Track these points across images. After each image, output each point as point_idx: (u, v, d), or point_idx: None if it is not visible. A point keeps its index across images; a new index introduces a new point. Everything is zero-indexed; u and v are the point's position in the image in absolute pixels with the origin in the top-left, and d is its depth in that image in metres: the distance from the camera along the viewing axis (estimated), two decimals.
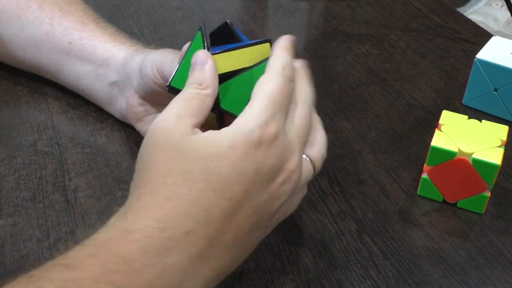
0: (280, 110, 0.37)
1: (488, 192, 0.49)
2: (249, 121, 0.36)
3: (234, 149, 0.35)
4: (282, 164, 0.37)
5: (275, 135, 0.36)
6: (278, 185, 0.37)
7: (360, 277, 0.45)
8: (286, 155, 0.37)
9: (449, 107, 0.63)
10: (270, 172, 0.36)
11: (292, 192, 0.38)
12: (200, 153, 0.35)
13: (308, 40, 0.75)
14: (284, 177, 0.37)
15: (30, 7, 0.58)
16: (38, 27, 0.58)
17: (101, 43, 0.56)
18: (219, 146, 0.35)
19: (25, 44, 0.59)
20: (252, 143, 0.35)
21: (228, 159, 0.35)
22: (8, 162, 0.53)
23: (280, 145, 0.36)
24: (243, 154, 0.35)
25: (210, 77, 0.38)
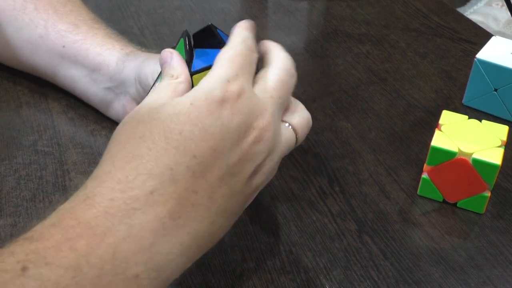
0: (242, 71, 0.37)
1: (488, 192, 0.49)
2: (210, 81, 0.36)
3: (195, 106, 0.34)
4: (251, 122, 0.35)
5: (239, 92, 0.35)
6: (250, 144, 0.35)
7: (360, 277, 0.45)
8: (255, 112, 0.36)
9: (449, 107, 0.63)
10: (238, 130, 0.35)
11: (268, 153, 0.36)
12: (160, 115, 0.34)
13: (308, 40, 0.75)
14: (254, 135, 0.35)
15: (26, 9, 0.58)
16: (33, 30, 0.57)
17: (92, 47, 0.55)
18: (180, 105, 0.34)
19: (22, 46, 0.59)
20: (214, 99, 0.34)
21: (189, 116, 0.34)
22: (8, 162, 0.53)
23: (246, 102, 0.35)
24: (205, 111, 0.34)
25: (178, 67, 0.38)
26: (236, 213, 0.37)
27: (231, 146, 0.34)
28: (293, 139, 0.40)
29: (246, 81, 0.37)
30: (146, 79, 0.49)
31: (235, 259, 0.46)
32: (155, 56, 0.52)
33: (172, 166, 0.32)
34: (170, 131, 0.33)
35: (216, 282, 0.44)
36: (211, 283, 0.44)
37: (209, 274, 0.44)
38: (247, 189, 0.36)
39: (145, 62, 0.51)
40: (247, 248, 0.47)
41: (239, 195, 0.36)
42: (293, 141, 0.40)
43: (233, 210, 0.36)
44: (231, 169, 0.35)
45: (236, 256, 0.46)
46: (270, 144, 0.36)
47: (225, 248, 0.46)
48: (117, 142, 0.34)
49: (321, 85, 0.66)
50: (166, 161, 0.32)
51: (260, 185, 0.38)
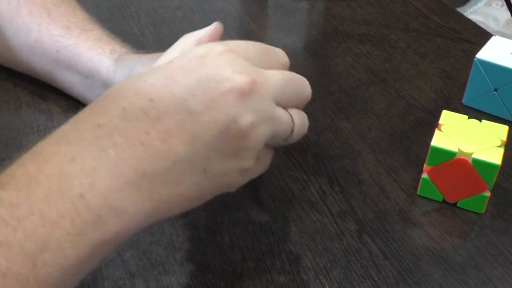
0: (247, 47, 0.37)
1: (488, 192, 0.49)
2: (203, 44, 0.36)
3: (173, 62, 0.35)
4: (229, 74, 0.35)
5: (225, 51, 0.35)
6: (221, 93, 0.34)
7: (360, 277, 0.45)
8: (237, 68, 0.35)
9: (449, 107, 0.63)
10: (207, 78, 0.34)
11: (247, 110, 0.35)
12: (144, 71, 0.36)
13: (308, 40, 0.75)
14: (230, 85, 0.34)
15: (20, 12, 0.57)
16: (28, 34, 0.57)
17: (84, 51, 0.55)
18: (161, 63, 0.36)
19: (19, 49, 0.58)
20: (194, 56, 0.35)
21: (162, 69, 0.35)
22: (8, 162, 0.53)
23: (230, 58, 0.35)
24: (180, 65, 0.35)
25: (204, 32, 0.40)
26: (207, 171, 0.35)
27: (195, 92, 0.34)
28: (289, 123, 0.39)
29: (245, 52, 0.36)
30: None
31: (235, 259, 0.46)
32: (144, 58, 0.51)
33: (125, 105, 0.33)
34: (139, 80, 0.35)
35: (216, 282, 0.44)
36: (211, 283, 0.44)
37: (209, 274, 0.44)
38: (224, 146, 0.35)
39: (134, 68, 0.50)
40: (247, 248, 0.47)
41: (208, 149, 0.34)
42: (289, 125, 0.39)
43: (200, 164, 0.35)
44: (194, 116, 0.34)
45: (236, 256, 0.46)
46: (251, 101, 0.35)
47: (225, 248, 0.46)
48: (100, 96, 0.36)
49: (321, 85, 0.66)
50: (121, 102, 0.34)
51: (245, 152, 0.36)
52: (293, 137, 0.40)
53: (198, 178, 0.35)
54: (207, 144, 0.34)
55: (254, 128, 0.36)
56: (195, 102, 0.34)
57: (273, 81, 0.37)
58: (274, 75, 0.38)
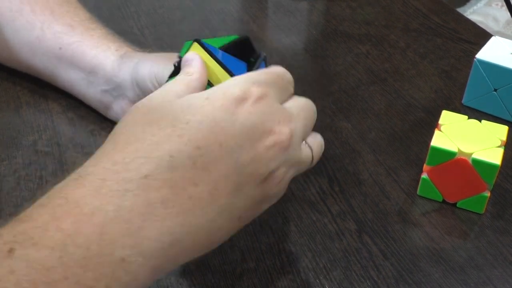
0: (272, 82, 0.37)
1: (488, 192, 0.49)
2: (234, 80, 0.36)
3: (210, 100, 0.34)
4: (272, 126, 0.35)
5: (261, 95, 0.35)
6: (266, 147, 0.34)
7: (360, 277, 0.45)
8: (277, 117, 0.35)
9: (449, 107, 0.63)
10: (253, 130, 0.34)
11: (285, 163, 0.35)
12: (174, 105, 0.34)
13: (308, 40, 0.75)
14: (274, 140, 0.34)
15: (23, 10, 0.57)
16: (31, 32, 0.57)
17: (88, 49, 0.55)
18: (194, 98, 0.34)
19: (20, 47, 0.58)
20: (232, 96, 0.34)
21: (201, 109, 0.33)
22: (8, 162, 0.53)
23: (268, 105, 0.35)
24: (220, 106, 0.33)
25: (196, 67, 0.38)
26: (241, 218, 0.35)
27: (242, 143, 0.33)
28: (309, 157, 0.39)
29: (274, 91, 0.36)
30: (143, 82, 0.49)
31: (235, 259, 0.46)
32: (150, 56, 0.51)
33: (173, 153, 0.31)
34: (179, 119, 0.33)
35: (216, 282, 0.44)
36: (211, 283, 0.44)
37: (209, 274, 0.44)
38: (257, 194, 0.35)
39: (140, 64, 0.50)
40: (247, 248, 0.47)
41: (247, 198, 0.34)
42: (310, 159, 0.39)
43: (238, 213, 0.35)
44: (240, 168, 0.33)
45: (236, 256, 0.46)
46: (288, 153, 0.36)
47: (225, 248, 0.46)
48: (124, 124, 0.34)
49: (321, 85, 0.66)
50: (167, 147, 0.32)
51: (271, 196, 0.37)
52: (313, 163, 0.40)
53: (233, 224, 0.35)
54: (247, 194, 0.34)
55: (286, 175, 0.36)
56: (242, 154, 0.33)
57: (300, 124, 0.37)
58: (299, 115, 0.37)
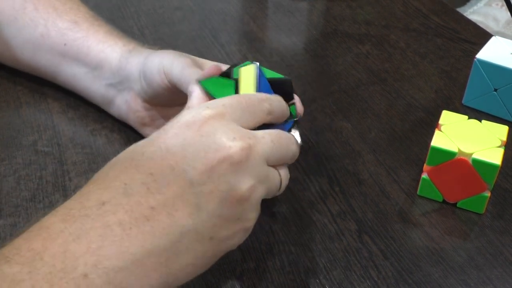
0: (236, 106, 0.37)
1: (488, 192, 0.49)
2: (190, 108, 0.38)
3: (165, 130, 0.36)
4: (223, 142, 0.35)
5: (214, 115, 0.36)
6: (218, 163, 0.34)
7: (360, 277, 0.45)
8: (230, 134, 0.35)
9: (449, 107, 0.63)
10: (204, 149, 0.35)
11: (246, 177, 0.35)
12: (138, 143, 0.37)
13: (308, 40, 0.75)
14: (224, 154, 0.35)
15: (26, 9, 0.58)
16: (34, 29, 0.57)
17: (94, 44, 0.55)
18: (155, 133, 0.37)
19: (23, 46, 0.58)
20: (183, 124, 0.36)
21: (157, 140, 0.36)
22: (8, 162, 0.53)
23: (219, 124, 0.36)
24: (172, 134, 0.36)
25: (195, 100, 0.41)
26: (214, 238, 0.35)
27: (194, 164, 0.34)
28: (278, 180, 0.39)
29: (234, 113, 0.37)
30: (150, 74, 0.49)
31: (235, 259, 0.46)
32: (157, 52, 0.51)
33: (127, 181, 0.34)
34: (136, 153, 0.36)
35: (216, 282, 0.44)
36: (211, 283, 0.44)
37: (209, 274, 0.44)
38: (227, 212, 0.35)
39: (149, 57, 0.51)
40: (247, 248, 0.47)
41: (213, 217, 0.35)
42: (278, 182, 0.39)
43: (207, 233, 0.35)
44: (197, 187, 0.34)
45: (236, 256, 0.46)
46: (247, 168, 0.36)
47: None
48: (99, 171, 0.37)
49: (321, 85, 0.66)
50: (123, 177, 0.34)
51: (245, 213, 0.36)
52: (280, 190, 0.40)
53: (205, 246, 0.35)
54: (212, 213, 0.35)
55: (253, 191, 0.36)
56: (196, 173, 0.34)
57: (263, 143, 0.37)
58: (264, 137, 0.38)
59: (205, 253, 0.35)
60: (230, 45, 0.72)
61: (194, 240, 0.34)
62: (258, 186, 0.37)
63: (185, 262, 0.35)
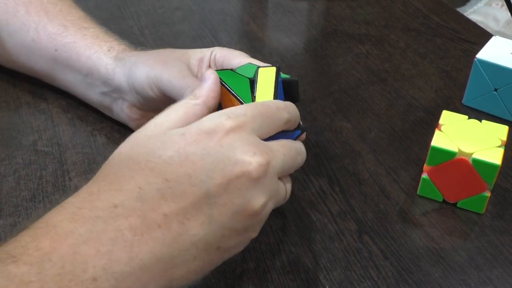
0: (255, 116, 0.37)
1: (488, 192, 0.49)
2: (210, 115, 0.37)
3: (185, 135, 0.35)
4: (242, 156, 0.35)
5: (234, 127, 0.36)
6: (236, 177, 0.35)
7: (360, 277, 0.45)
8: (250, 148, 0.35)
9: (449, 107, 0.63)
10: (224, 161, 0.35)
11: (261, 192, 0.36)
12: (152, 141, 0.36)
13: (308, 40, 0.75)
14: (243, 169, 0.35)
15: (18, 12, 0.57)
16: (26, 34, 0.57)
17: (82, 50, 0.55)
18: (172, 134, 0.36)
19: (17, 49, 0.58)
20: (203, 130, 0.35)
21: (175, 144, 0.35)
22: (8, 162, 0.53)
23: (240, 137, 0.36)
24: (192, 140, 0.35)
25: (205, 91, 0.40)
26: (221, 248, 0.36)
27: (212, 175, 0.34)
28: (284, 195, 0.40)
29: (253, 123, 0.37)
30: (142, 88, 0.49)
31: (235, 259, 0.46)
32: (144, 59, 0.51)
33: (142, 185, 0.34)
34: (153, 154, 0.35)
35: (216, 282, 0.44)
36: (211, 283, 0.44)
37: (209, 274, 0.44)
38: (237, 224, 0.36)
39: (134, 69, 0.50)
40: (247, 248, 0.46)
41: (223, 229, 0.35)
42: (284, 198, 0.40)
43: (215, 243, 0.35)
44: (212, 198, 0.34)
45: (236, 256, 0.46)
46: (263, 184, 0.36)
47: None
48: (108, 162, 0.36)
49: (321, 85, 0.66)
50: (138, 180, 0.34)
51: (253, 226, 0.37)
52: (285, 200, 0.41)
53: (211, 255, 0.36)
54: (223, 225, 0.35)
55: (265, 207, 0.37)
56: (212, 185, 0.34)
57: (278, 157, 0.38)
58: (278, 151, 0.38)
59: (210, 261, 0.36)
60: (230, 45, 0.72)
61: (202, 249, 0.35)
62: (269, 202, 0.37)
63: (190, 269, 0.35)
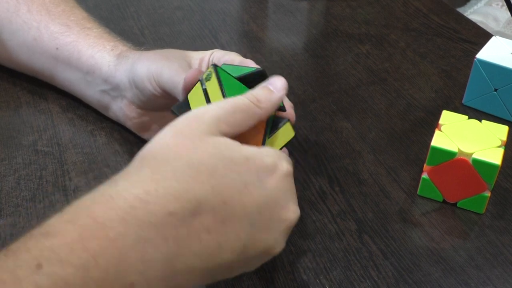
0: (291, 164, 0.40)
1: (488, 192, 0.49)
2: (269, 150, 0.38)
3: (249, 162, 0.36)
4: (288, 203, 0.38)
5: (288, 172, 0.39)
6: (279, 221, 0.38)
7: (360, 277, 0.45)
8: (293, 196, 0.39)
9: (449, 107, 0.63)
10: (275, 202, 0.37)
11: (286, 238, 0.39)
12: (216, 151, 0.35)
13: (308, 40, 0.75)
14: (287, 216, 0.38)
15: (19, 11, 0.57)
16: (27, 32, 0.57)
17: (84, 49, 0.55)
18: (237, 153, 0.36)
19: (18, 48, 0.58)
20: (266, 166, 0.37)
21: (239, 167, 0.36)
22: (8, 162, 0.53)
23: (290, 183, 0.39)
24: (254, 170, 0.36)
25: (271, 102, 0.40)
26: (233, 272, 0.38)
27: (262, 211, 0.36)
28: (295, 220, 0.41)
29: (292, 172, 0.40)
30: (142, 83, 0.49)
31: None
32: (146, 55, 0.51)
33: (201, 200, 0.34)
34: (217, 171, 0.35)
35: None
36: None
37: None
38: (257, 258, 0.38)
39: (136, 64, 0.50)
40: None
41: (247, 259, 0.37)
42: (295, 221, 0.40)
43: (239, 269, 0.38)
44: (253, 232, 0.36)
45: None
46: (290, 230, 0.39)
47: None
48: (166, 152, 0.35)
49: (321, 85, 0.66)
50: (198, 194, 0.34)
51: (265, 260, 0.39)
52: None
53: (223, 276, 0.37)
54: (251, 256, 0.37)
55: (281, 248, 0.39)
56: (259, 220, 0.36)
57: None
58: None
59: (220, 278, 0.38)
60: (230, 45, 0.72)
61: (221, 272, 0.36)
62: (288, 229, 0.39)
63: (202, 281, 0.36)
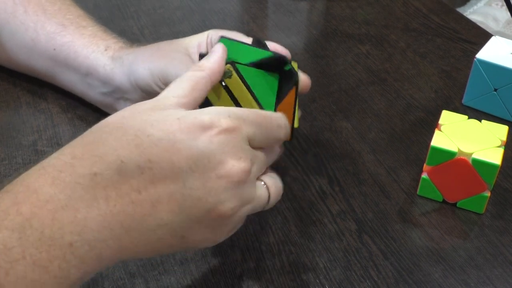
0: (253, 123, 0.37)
1: (488, 192, 0.49)
2: (213, 108, 0.37)
3: (180, 121, 0.35)
4: (228, 158, 0.35)
5: (230, 128, 0.36)
6: (217, 177, 0.35)
7: (360, 277, 0.45)
8: (238, 153, 0.36)
9: (449, 107, 0.63)
10: (209, 158, 0.35)
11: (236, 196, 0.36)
12: (147, 116, 0.36)
13: (308, 40, 0.75)
14: (226, 172, 0.35)
15: (16, 12, 0.57)
16: (25, 33, 0.57)
17: (80, 49, 0.55)
18: (169, 116, 0.36)
19: (17, 49, 0.58)
20: (199, 123, 0.35)
21: (168, 127, 0.35)
22: (8, 162, 0.53)
23: (232, 139, 0.36)
24: (185, 129, 0.35)
25: (210, 63, 0.40)
26: (185, 238, 0.36)
27: (194, 168, 0.35)
28: (266, 198, 0.39)
29: (249, 129, 0.37)
30: (147, 85, 0.49)
31: (235, 259, 0.46)
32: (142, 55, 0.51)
33: (124, 159, 0.34)
34: (142, 131, 0.35)
35: (216, 282, 0.44)
36: (211, 283, 0.44)
37: (209, 274, 0.44)
38: (206, 221, 0.36)
39: (134, 66, 0.50)
40: (247, 248, 0.47)
41: (191, 221, 0.36)
42: (266, 200, 0.39)
43: (180, 231, 0.36)
44: (187, 190, 0.35)
45: (236, 256, 0.46)
46: (241, 189, 0.36)
47: (225, 248, 0.46)
48: (98, 126, 0.36)
49: (321, 85, 0.66)
50: (122, 153, 0.34)
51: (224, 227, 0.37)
52: (269, 205, 0.40)
53: (174, 241, 0.36)
54: (191, 217, 0.35)
55: (236, 211, 0.37)
56: (192, 178, 0.35)
57: (260, 162, 0.38)
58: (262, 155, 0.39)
59: (171, 246, 0.36)
60: None
61: (167, 234, 0.35)
62: (243, 208, 0.37)
63: (153, 248, 0.36)
